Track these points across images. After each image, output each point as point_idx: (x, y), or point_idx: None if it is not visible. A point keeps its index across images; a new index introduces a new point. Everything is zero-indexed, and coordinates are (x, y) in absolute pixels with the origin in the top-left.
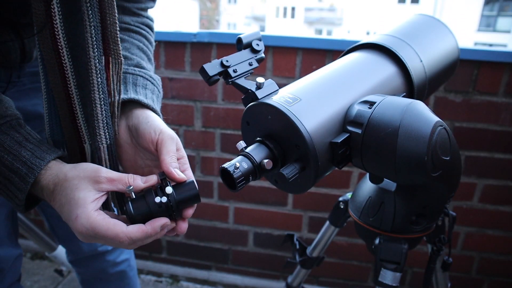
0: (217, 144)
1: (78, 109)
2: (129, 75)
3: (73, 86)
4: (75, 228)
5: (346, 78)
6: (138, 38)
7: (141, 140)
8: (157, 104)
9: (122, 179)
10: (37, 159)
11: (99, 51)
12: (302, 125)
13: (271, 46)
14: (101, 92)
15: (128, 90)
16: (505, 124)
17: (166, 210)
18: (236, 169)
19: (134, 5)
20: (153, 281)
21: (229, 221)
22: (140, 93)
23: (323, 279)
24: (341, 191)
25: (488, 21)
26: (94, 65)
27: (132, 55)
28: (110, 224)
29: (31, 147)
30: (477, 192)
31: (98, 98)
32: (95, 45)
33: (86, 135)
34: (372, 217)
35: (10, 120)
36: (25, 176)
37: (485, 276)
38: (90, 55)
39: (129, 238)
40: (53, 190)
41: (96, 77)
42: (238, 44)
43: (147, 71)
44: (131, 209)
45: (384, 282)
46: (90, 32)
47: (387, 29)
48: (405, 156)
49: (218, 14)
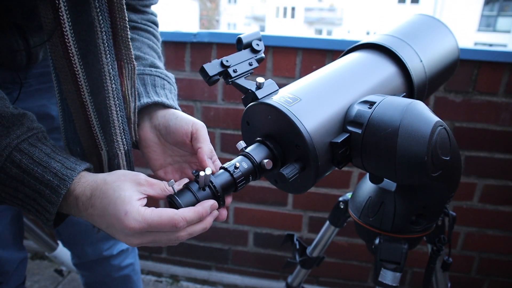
0: (217, 144)
1: (93, 116)
2: (147, 76)
3: (87, 93)
4: (126, 226)
5: (346, 78)
6: (147, 37)
7: (173, 136)
8: (176, 102)
9: (160, 184)
10: (68, 170)
11: (112, 57)
12: (302, 125)
13: (271, 46)
14: (116, 98)
15: (149, 92)
16: (505, 124)
17: (213, 197)
18: (236, 169)
19: (138, 2)
20: (153, 281)
21: (229, 221)
22: (161, 94)
23: (323, 279)
24: (341, 191)
25: (488, 21)
26: (107, 71)
27: (145, 54)
28: (162, 212)
29: (60, 158)
30: (477, 192)
31: (113, 105)
32: (107, 51)
33: (102, 142)
34: (372, 217)
35: (37, 133)
36: (57, 188)
37: (485, 276)
38: (103, 61)
39: (183, 219)
40: (91, 196)
41: (110, 83)
42: (238, 44)
43: (162, 70)
44: (178, 200)
45: (384, 282)
46: (102, 38)
47: (387, 29)
48: (405, 156)
49: (218, 14)
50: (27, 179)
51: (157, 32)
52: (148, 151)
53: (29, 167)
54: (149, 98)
